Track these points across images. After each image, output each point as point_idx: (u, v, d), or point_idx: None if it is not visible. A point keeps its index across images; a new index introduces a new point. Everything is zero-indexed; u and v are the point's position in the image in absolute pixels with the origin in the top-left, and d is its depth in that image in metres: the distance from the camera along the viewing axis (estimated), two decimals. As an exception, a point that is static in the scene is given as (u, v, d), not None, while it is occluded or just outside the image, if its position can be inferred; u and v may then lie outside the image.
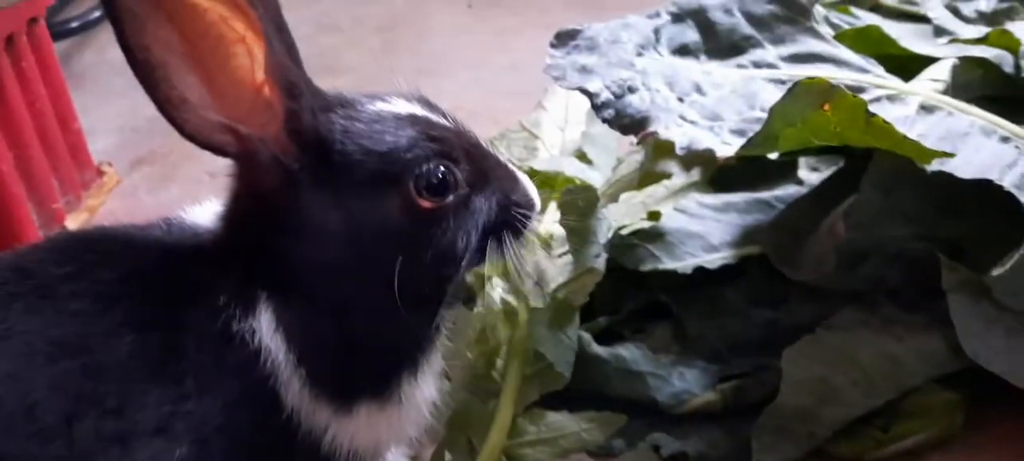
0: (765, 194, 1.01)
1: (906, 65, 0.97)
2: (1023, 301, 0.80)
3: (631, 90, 0.84)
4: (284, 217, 0.64)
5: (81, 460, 0.59)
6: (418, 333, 0.71)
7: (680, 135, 0.81)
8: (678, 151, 0.80)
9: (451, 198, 0.67)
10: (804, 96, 0.75)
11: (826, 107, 0.74)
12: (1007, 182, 0.79)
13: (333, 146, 0.64)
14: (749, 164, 1.02)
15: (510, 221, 0.71)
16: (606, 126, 0.97)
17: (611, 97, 0.83)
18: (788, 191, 1.00)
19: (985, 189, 0.84)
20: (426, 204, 0.65)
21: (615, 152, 1.12)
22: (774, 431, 0.85)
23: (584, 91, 0.84)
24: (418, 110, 0.70)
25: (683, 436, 0.90)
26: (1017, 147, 0.86)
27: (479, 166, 0.70)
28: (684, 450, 0.89)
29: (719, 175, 1.03)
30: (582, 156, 1.12)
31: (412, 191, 0.65)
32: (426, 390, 0.75)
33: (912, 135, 0.81)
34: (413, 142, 0.66)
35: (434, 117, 0.70)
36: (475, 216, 0.69)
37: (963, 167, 0.80)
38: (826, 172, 0.99)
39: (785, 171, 1.02)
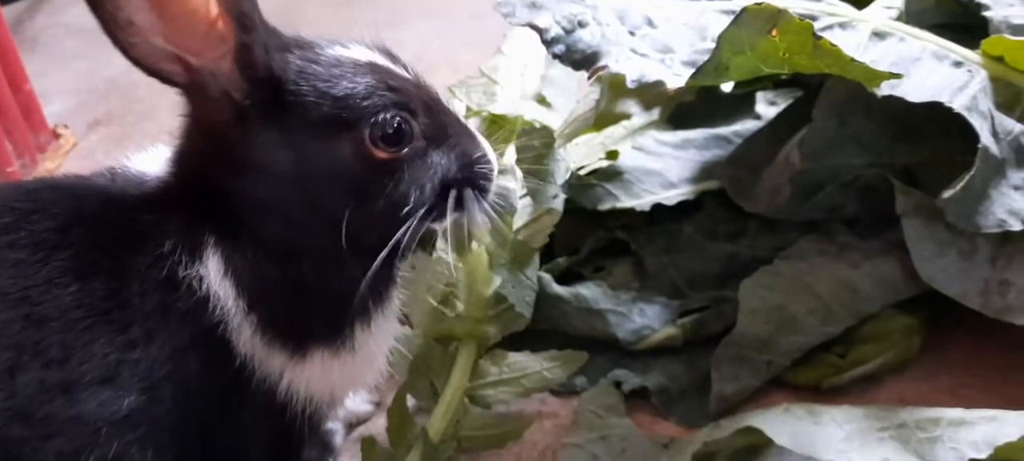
0: (723, 129, 1.00)
1: (860, -4, 0.96)
2: (974, 223, 0.80)
3: (581, 25, 0.83)
4: (232, 155, 0.64)
5: (25, 410, 0.58)
6: (372, 280, 0.71)
7: (631, 68, 0.80)
8: (629, 84, 0.79)
9: (406, 149, 0.66)
10: (752, 21, 0.74)
11: (774, 32, 0.74)
12: (957, 104, 0.79)
13: (286, 85, 0.63)
14: (707, 101, 1.01)
15: (471, 178, 0.71)
16: (565, 69, 0.96)
17: (561, 32, 0.82)
18: (745, 126, 1.00)
19: (937, 114, 0.84)
20: (380, 153, 0.65)
21: (574, 94, 1.11)
22: (733, 361, 0.86)
23: (534, 26, 0.83)
24: (379, 59, 0.69)
25: (644, 371, 0.91)
26: (969, 71, 0.86)
27: (438, 121, 0.69)
28: (645, 384, 0.89)
29: (677, 112, 1.03)
30: (541, 99, 1.11)
31: (366, 139, 0.64)
32: (381, 337, 0.74)
33: (864, 61, 0.81)
34: (370, 90, 0.65)
35: (395, 67, 0.69)
36: (431, 170, 0.68)
37: (915, 91, 0.80)
38: (783, 105, 0.99)
39: (742, 106, 1.02)
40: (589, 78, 0.93)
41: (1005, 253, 0.82)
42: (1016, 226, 0.81)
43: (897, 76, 0.78)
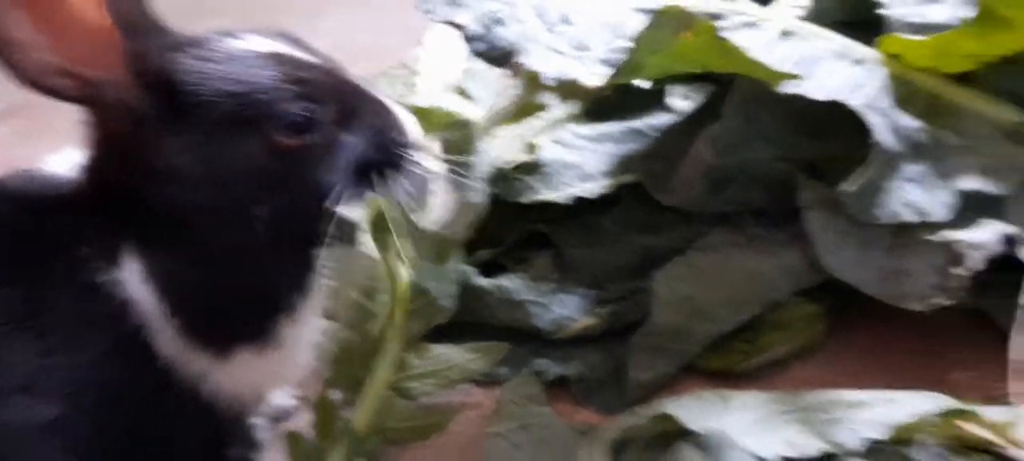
0: (638, 123, 1.03)
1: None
2: (872, 215, 0.85)
3: (500, 22, 0.84)
4: (139, 163, 0.63)
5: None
6: (294, 275, 0.71)
7: (549, 66, 0.82)
8: (546, 81, 0.82)
9: (316, 137, 0.66)
10: (665, 24, 0.77)
11: (686, 34, 0.77)
12: (856, 102, 0.84)
13: (184, 88, 0.63)
14: (623, 94, 1.04)
15: (389, 158, 0.71)
16: (484, 60, 0.97)
17: (481, 29, 0.84)
18: (660, 119, 1.03)
19: (840, 110, 0.89)
20: (288, 143, 0.64)
21: (495, 87, 1.13)
22: (648, 350, 0.89)
23: (454, 24, 0.84)
24: (280, 48, 0.68)
25: (564, 360, 0.93)
26: (868, 69, 0.90)
27: (348, 103, 0.69)
28: (565, 373, 0.92)
29: (595, 105, 1.05)
30: (462, 92, 1.12)
31: (272, 131, 0.64)
32: (307, 331, 0.75)
33: (771, 60, 0.85)
34: (272, 81, 0.64)
35: (298, 54, 0.68)
36: (344, 154, 0.68)
37: (817, 89, 0.84)
38: (695, 100, 1.03)
39: (657, 100, 1.05)
40: (508, 75, 0.95)
41: (901, 243, 0.87)
42: (910, 217, 0.86)
43: (797, 77, 0.82)
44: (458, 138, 0.95)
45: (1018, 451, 0.75)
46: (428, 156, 0.88)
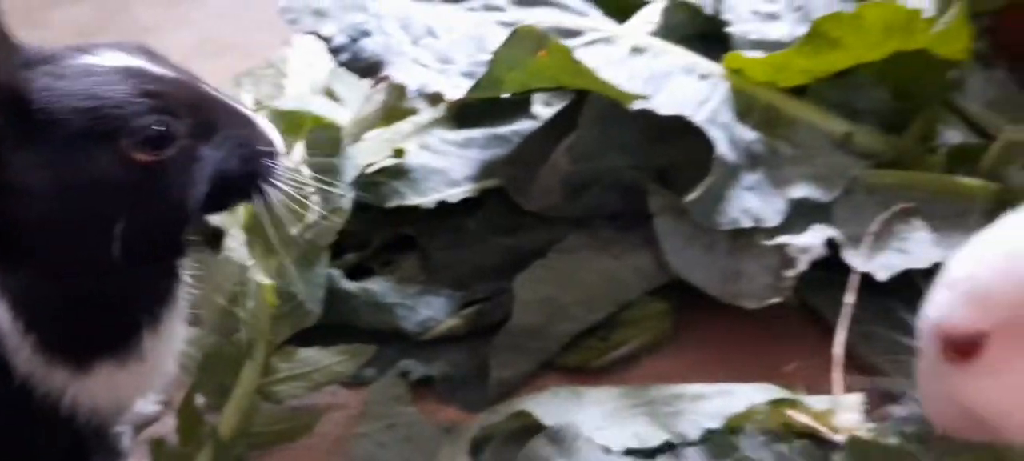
0: (503, 129, 1.07)
1: (627, 6, 1.05)
2: (714, 221, 0.92)
3: (366, 34, 0.86)
4: None
5: None
6: (154, 287, 0.72)
7: (412, 78, 0.85)
8: (410, 94, 0.84)
9: (171, 150, 0.66)
10: (521, 43, 0.81)
11: (541, 53, 0.81)
12: (700, 118, 0.90)
13: (36, 105, 0.62)
14: (489, 101, 1.08)
15: (251, 167, 0.72)
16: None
17: (346, 41, 0.86)
18: (525, 126, 1.07)
19: (687, 122, 0.95)
20: (143, 159, 0.64)
21: (363, 89, 1.14)
22: (509, 349, 0.93)
23: (318, 35, 0.86)
24: (133, 62, 0.67)
25: (430, 360, 0.97)
26: (712, 84, 0.97)
27: (205, 115, 0.69)
28: (430, 373, 0.95)
29: (462, 111, 1.08)
30: (330, 93, 1.13)
31: (126, 147, 0.64)
32: (169, 341, 0.76)
33: (623, 75, 0.90)
34: (125, 96, 0.64)
35: (152, 68, 0.68)
36: (203, 165, 0.68)
37: (664, 105, 0.90)
38: (556, 107, 1.07)
39: (521, 107, 1.09)
40: (373, 85, 0.97)
41: (739, 246, 0.95)
42: (747, 223, 0.93)
43: (643, 97, 0.87)
44: (324, 143, 0.97)
45: (834, 435, 0.83)
46: (291, 163, 0.90)
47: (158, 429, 0.94)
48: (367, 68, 0.86)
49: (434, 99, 1.08)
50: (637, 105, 0.87)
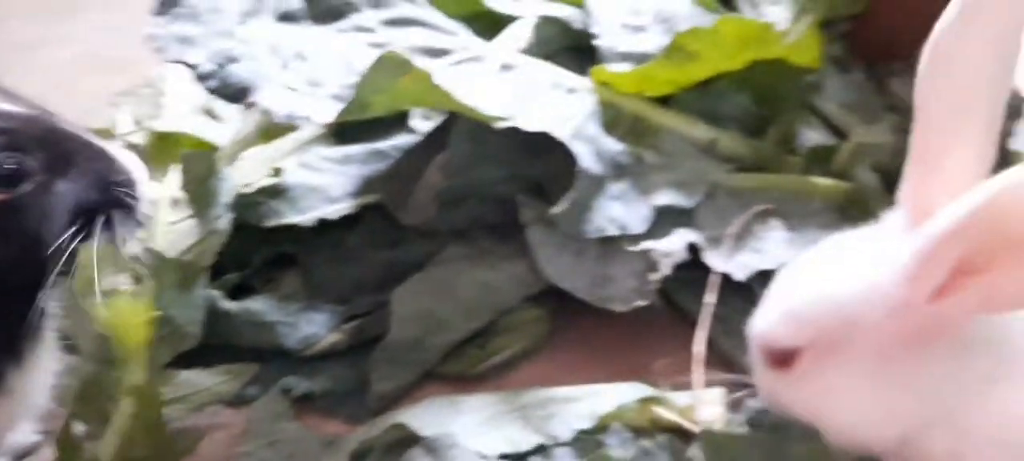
0: (382, 144, 1.09)
1: (496, 23, 1.09)
2: (581, 230, 0.96)
3: (233, 60, 0.87)
4: None
5: None
6: (16, 323, 0.72)
7: (281, 103, 0.86)
8: (279, 119, 0.86)
9: (26, 186, 0.67)
10: (385, 68, 0.83)
11: (405, 78, 0.83)
12: (564, 133, 0.94)
13: None
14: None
15: (110, 199, 0.73)
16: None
17: (214, 67, 0.87)
18: (403, 140, 1.09)
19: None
20: None
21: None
22: (388, 362, 0.96)
23: (185, 63, 0.86)
24: None
25: (312, 376, 0.98)
26: (580, 98, 1.01)
27: (59, 150, 0.70)
28: (313, 389, 0.97)
29: (340, 127, 1.10)
30: (209, 112, 1.13)
31: None
32: (39, 374, 0.76)
33: (491, 93, 0.93)
34: None
35: (2, 106, 0.69)
36: (59, 200, 0.69)
37: (529, 121, 0.93)
38: (435, 122, 1.10)
39: (400, 121, 1.11)
40: (244, 109, 0.98)
41: (607, 252, 0.99)
42: (613, 231, 0.97)
43: (503, 118, 0.90)
44: (200, 164, 0.97)
45: (696, 429, 0.88)
46: (154, 191, 0.90)
47: (37, 459, 0.93)
48: (235, 94, 0.87)
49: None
50: (503, 123, 0.90)
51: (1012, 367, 0.62)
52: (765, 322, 0.71)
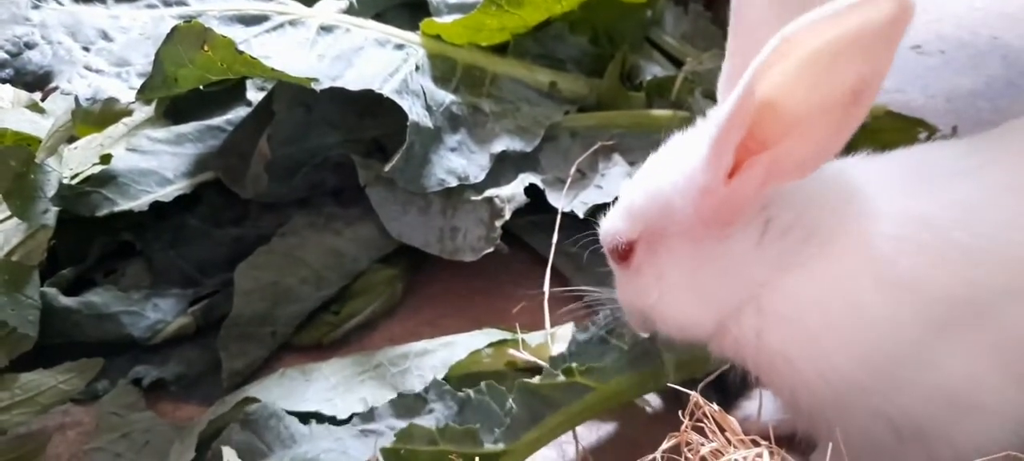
0: (217, 120, 1.06)
1: (327, -14, 1.07)
2: (421, 185, 0.96)
3: (29, 46, 0.83)
4: None
5: None
6: None
7: (84, 87, 0.83)
8: (83, 103, 0.82)
9: None
10: (183, 40, 0.81)
11: (206, 47, 0.81)
12: (388, 89, 0.93)
13: None
14: (200, 93, 1.06)
15: None
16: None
17: (7, 56, 0.83)
18: (239, 114, 1.07)
19: (390, 93, 0.98)
20: None
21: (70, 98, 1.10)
22: (237, 339, 0.94)
23: (-23, 54, 0.82)
24: None
25: (163, 363, 0.96)
26: (408, 53, 1.00)
27: None
28: (163, 376, 0.95)
29: (173, 106, 1.07)
30: (35, 106, 1.09)
31: None
32: None
33: (313, 56, 0.92)
34: None
35: None
36: None
37: (354, 81, 0.92)
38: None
39: (236, 94, 1.09)
40: (42, 99, 0.94)
41: (452, 204, 0.99)
42: (453, 182, 0.98)
43: (315, 80, 0.89)
44: (16, 159, 0.93)
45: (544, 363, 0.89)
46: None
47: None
48: (35, 81, 0.83)
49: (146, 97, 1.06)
50: (324, 84, 0.89)
51: (806, 254, 0.66)
52: (608, 220, 0.74)
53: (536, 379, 0.80)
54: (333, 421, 0.85)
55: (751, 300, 0.67)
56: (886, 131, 1.04)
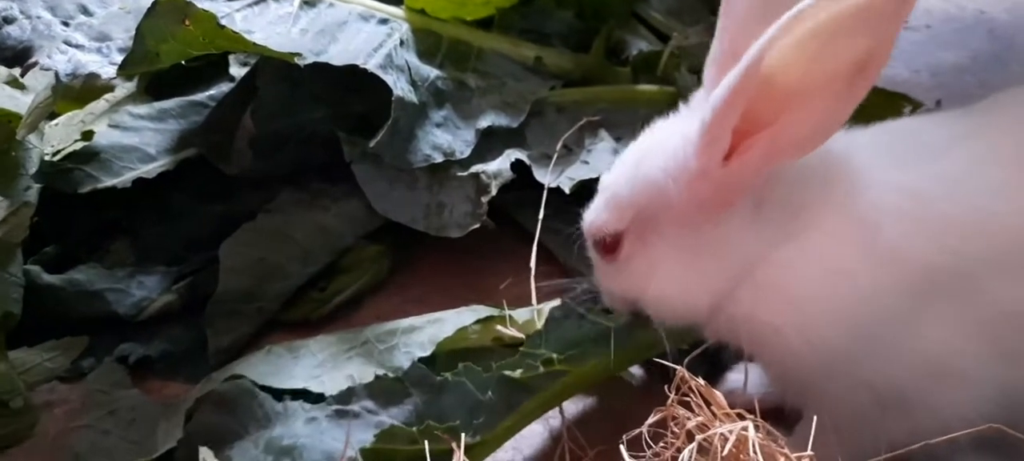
0: (200, 95, 1.05)
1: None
2: (407, 161, 0.95)
3: (8, 21, 0.82)
4: None
5: None
6: None
7: (63, 62, 0.82)
8: (62, 79, 0.82)
9: None
10: (165, 14, 0.80)
11: (187, 22, 0.80)
12: (372, 64, 0.92)
13: None
14: (182, 68, 1.05)
15: None
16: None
17: (-15, 33, 0.82)
18: (222, 89, 1.06)
19: (376, 67, 0.97)
20: None
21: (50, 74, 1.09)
22: (223, 316, 0.94)
23: (-44, 30, 0.81)
24: None
25: (149, 340, 0.96)
26: (391, 27, 1.00)
27: None
28: (149, 353, 0.95)
29: (155, 81, 1.06)
30: (15, 81, 1.07)
31: None
32: None
33: (295, 30, 0.91)
34: None
35: None
36: None
37: (338, 56, 0.92)
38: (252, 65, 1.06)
39: (220, 69, 1.08)
40: (21, 75, 0.93)
41: (438, 180, 0.99)
42: (439, 158, 0.97)
43: (298, 55, 0.88)
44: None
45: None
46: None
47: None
48: (14, 57, 0.82)
49: (127, 73, 1.05)
50: (307, 59, 0.88)
51: (797, 227, 0.66)
52: (593, 211, 0.73)
53: (517, 372, 0.79)
54: (320, 398, 0.85)
55: (747, 277, 0.67)
56: (870, 106, 1.04)
